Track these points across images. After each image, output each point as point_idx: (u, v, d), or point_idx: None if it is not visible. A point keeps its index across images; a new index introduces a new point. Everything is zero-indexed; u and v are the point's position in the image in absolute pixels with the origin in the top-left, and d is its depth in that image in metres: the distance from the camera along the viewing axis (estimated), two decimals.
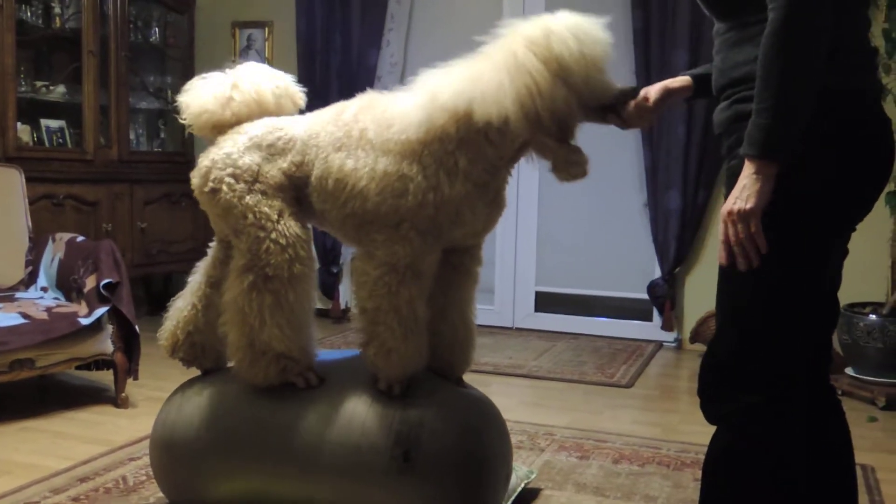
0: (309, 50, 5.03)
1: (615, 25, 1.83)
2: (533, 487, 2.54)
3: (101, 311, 3.18)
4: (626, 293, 4.94)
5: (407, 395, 2.01)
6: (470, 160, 1.90)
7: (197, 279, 2.25)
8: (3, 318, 3.04)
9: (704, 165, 4.43)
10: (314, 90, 4.40)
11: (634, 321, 4.89)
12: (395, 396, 2.00)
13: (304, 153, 2.05)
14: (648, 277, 4.68)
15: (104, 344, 3.26)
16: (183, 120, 2.19)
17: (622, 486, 2.60)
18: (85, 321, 3.14)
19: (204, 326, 2.19)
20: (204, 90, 2.17)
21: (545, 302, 5.09)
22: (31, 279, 3.57)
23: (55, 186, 4.33)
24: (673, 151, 4.46)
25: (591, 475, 2.69)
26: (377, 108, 2.01)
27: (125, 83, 4.76)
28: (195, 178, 2.13)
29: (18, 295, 3.41)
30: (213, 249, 2.25)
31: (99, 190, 4.59)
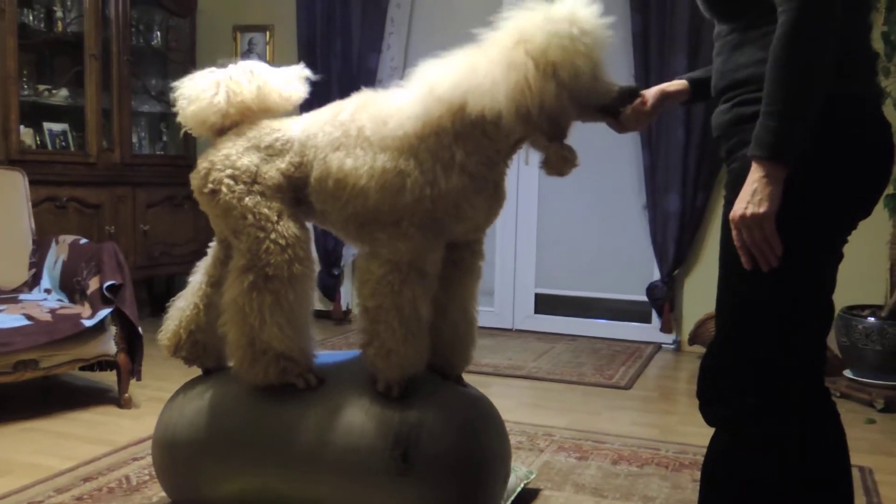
0: (310, 54, 5.04)
1: (614, 29, 1.81)
2: (532, 488, 2.55)
3: (104, 312, 3.20)
4: (625, 295, 4.95)
5: (406, 396, 2.01)
6: (467, 153, 1.89)
7: (197, 279, 2.25)
8: (7, 319, 3.06)
9: (703, 168, 4.44)
10: (315, 94, 4.41)
11: (633, 323, 4.90)
12: (393, 398, 2.01)
13: (302, 154, 2.05)
14: (647, 279, 4.69)
15: (107, 345, 3.28)
16: (180, 121, 2.17)
17: (621, 486, 2.62)
18: (88, 323, 3.16)
19: (206, 325, 2.19)
20: (199, 90, 2.13)
21: (545, 304, 5.10)
22: (34, 281, 3.59)
23: (58, 189, 4.35)
24: (672, 154, 4.47)
25: (589, 476, 2.70)
26: (373, 105, 2.00)
27: (127, 87, 4.78)
28: (194, 179, 2.13)
29: (22, 297, 3.43)
30: (213, 249, 2.25)
31: (102, 193, 4.61)
